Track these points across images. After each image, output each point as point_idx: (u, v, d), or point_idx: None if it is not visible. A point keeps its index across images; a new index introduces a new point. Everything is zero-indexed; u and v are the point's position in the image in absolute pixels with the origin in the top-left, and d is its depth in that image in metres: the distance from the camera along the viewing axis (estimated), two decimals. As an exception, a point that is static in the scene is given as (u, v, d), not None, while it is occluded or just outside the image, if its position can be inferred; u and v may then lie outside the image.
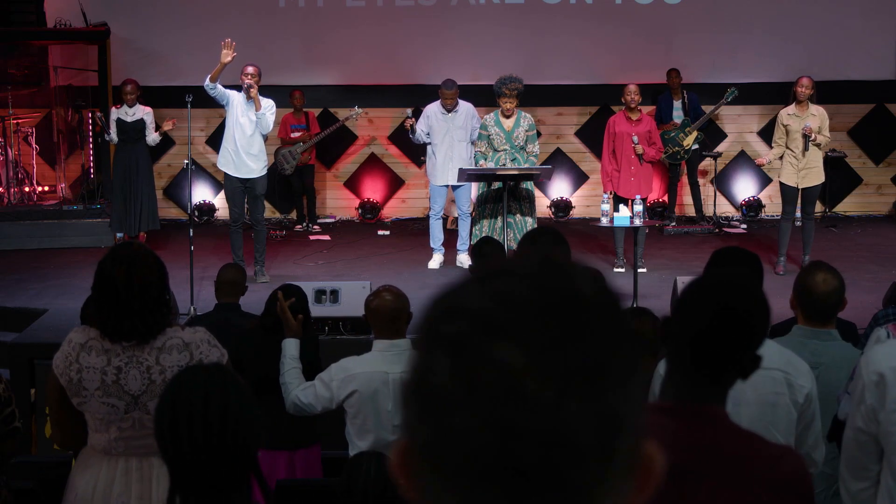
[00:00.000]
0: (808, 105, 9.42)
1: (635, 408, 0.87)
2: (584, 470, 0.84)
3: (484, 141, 9.04)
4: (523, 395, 0.82)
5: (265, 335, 5.16)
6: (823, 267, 3.82)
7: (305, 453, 5.14)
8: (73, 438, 3.44)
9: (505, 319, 0.85)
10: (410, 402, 0.88)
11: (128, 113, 10.42)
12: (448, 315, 0.87)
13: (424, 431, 0.85)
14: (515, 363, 0.83)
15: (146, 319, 3.25)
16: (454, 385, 0.84)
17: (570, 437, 0.83)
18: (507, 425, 0.82)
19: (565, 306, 0.86)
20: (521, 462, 0.82)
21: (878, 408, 2.55)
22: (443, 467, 0.84)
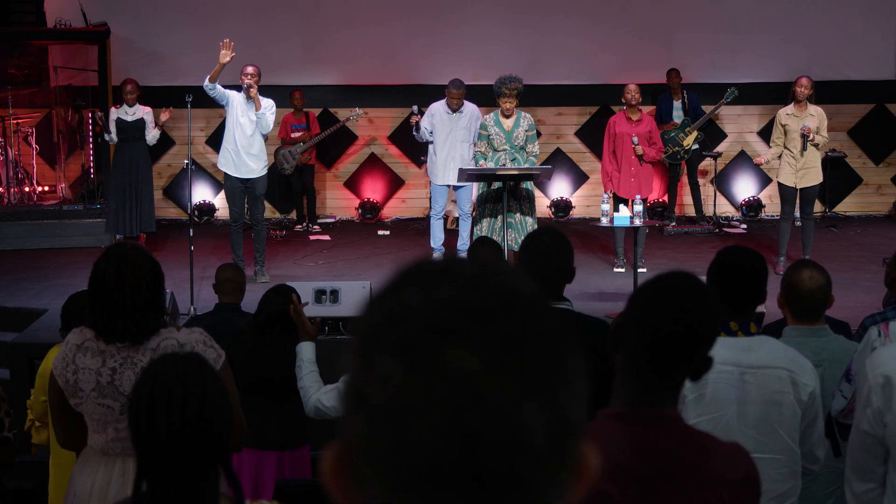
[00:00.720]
0: (807, 105, 9.42)
1: (582, 409, 0.86)
2: (541, 474, 0.83)
3: (484, 141, 9.04)
4: (482, 401, 0.80)
5: (258, 335, 5.16)
6: (809, 264, 3.83)
7: (294, 454, 5.13)
8: (74, 439, 3.44)
9: (453, 324, 0.82)
10: (353, 410, 0.85)
11: (128, 113, 10.42)
12: (389, 320, 0.84)
13: (375, 442, 0.82)
14: (472, 370, 0.81)
15: (137, 320, 3.24)
16: (408, 393, 0.81)
17: (529, 443, 0.81)
18: (466, 433, 0.80)
19: (511, 308, 0.84)
20: (480, 469, 0.80)
21: (884, 410, 2.55)
22: (395, 477, 0.81)
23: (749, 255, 3.46)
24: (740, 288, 3.29)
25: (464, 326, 0.82)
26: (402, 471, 0.81)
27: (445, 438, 0.80)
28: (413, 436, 0.81)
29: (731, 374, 3.10)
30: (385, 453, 0.82)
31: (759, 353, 3.17)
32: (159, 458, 2.14)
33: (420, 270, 0.88)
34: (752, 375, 3.13)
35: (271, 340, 5.10)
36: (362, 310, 0.88)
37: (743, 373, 3.12)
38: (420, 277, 0.87)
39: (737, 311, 3.25)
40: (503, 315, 0.84)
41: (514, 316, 0.84)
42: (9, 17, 12.15)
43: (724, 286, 3.27)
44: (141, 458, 2.16)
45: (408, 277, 0.88)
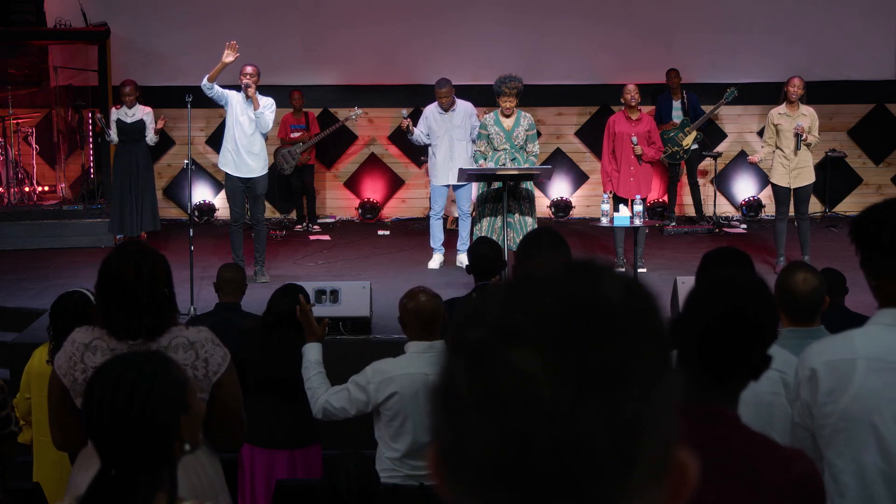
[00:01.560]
0: (799, 105, 9.43)
1: (661, 414, 0.86)
2: (602, 477, 0.83)
3: (483, 140, 9.04)
4: (539, 401, 0.82)
5: (267, 334, 5.16)
6: (802, 267, 3.83)
7: (305, 453, 5.14)
8: (72, 440, 3.43)
9: (524, 325, 0.84)
10: (435, 406, 0.88)
11: (127, 113, 10.42)
12: (471, 322, 0.87)
13: (446, 436, 0.86)
14: (531, 369, 0.82)
15: (154, 315, 3.24)
16: (472, 391, 0.84)
17: (586, 444, 0.82)
18: (522, 432, 0.82)
19: (586, 311, 0.85)
20: (536, 468, 0.82)
21: (810, 402, 2.58)
22: (462, 471, 0.85)
23: (735, 256, 3.46)
24: None
25: (531, 327, 0.84)
26: (466, 465, 0.84)
27: (502, 436, 0.82)
28: (472, 432, 0.83)
29: None
30: (449, 447, 0.85)
31: None
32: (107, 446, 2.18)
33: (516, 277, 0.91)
34: None
35: (281, 339, 5.10)
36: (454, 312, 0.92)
37: None
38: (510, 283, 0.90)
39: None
40: (574, 317, 0.85)
41: (586, 319, 0.85)
42: (9, 17, 12.15)
43: None
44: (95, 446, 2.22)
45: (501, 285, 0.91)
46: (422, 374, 4.26)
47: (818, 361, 2.58)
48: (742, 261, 3.41)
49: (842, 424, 2.54)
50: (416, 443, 4.28)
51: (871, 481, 2.53)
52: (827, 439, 2.57)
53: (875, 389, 2.51)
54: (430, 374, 4.22)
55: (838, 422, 2.54)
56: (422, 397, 4.23)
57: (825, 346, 2.63)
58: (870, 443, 2.52)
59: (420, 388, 4.25)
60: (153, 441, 2.18)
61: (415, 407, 4.26)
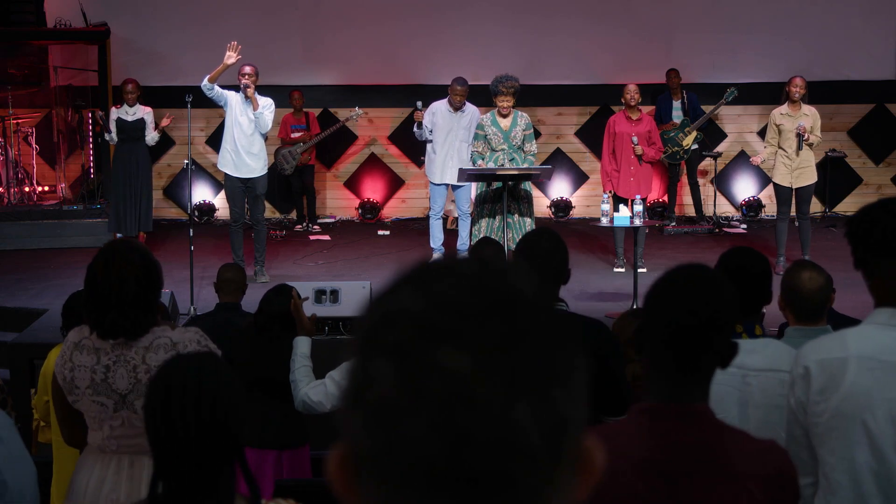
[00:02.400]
0: (801, 105, 9.43)
1: (579, 406, 0.86)
2: (535, 473, 0.83)
3: (480, 141, 9.02)
4: (473, 401, 0.81)
5: (259, 334, 5.16)
6: (808, 265, 3.82)
7: (294, 454, 5.13)
8: (77, 436, 3.47)
9: (447, 324, 0.83)
10: (351, 410, 0.85)
11: (128, 112, 10.42)
12: (385, 320, 0.85)
13: (369, 441, 0.83)
14: (462, 369, 0.81)
15: (127, 314, 3.22)
16: (400, 393, 0.82)
17: (521, 442, 0.81)
18: (457, 432, 0.80)
19: (505, 308, 0.84)
20: (472, 469, 0.81)
21: (804, 400, 2.59)
22: (390, 477, 0.82)
23: (752, 256, 3.46)
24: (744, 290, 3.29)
25: (456, 326, 0.83)
26: (395, 469, 0.82)
27: (436, 437, 0.81)
28: (404, 435, 0.81)
29: (733, 377, 3.09)
30: (378, 452, 0.83)
31: (763, 356, 3.17)
32: (175, 458, 2.14)
33: (418, 271, 0.88)
34: (755, 378, 3.13)
35: (272, 340, 5.10)
36: (362, 310, 0.89)
37: (745, 375, 3.12)
38: (418, 278, 0.87)
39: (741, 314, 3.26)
40: (496, 314, 0.84)
41: (509, 315, 0.84)
42: (9, 17, 12.15)
43: None
44: (157, 457, 2.17)
45: (406, 278, 0.88)
46: None
47: (811, 359, 2.60)
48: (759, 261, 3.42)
49: (834, 423, 2.55)
50: None
51: (863, 479, 2.54)
52: (820, 437, 2.58)
53: (867, 388, 2.52)
54: None
55: (830, 420, 2.55)
56: None
57: (818, 344, 2.64)
58: (861, 441, 2.53)
59: None
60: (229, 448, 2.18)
61: None
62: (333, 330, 7.38)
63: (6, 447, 2.73)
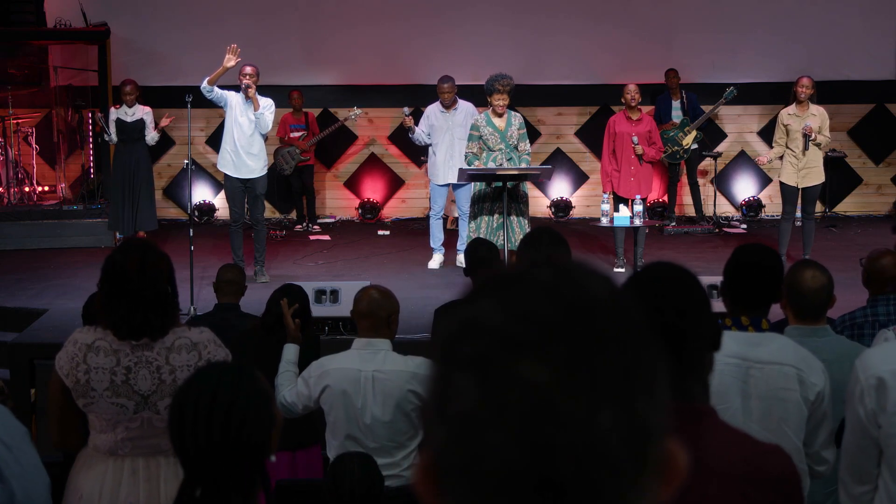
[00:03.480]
0: (809, 105, 9.43)
1: (661, 411, 0.87)
2: (619, 480, 0.83)
3: (475, 142, 9.00)
4: (554, 411, 0.82)
5: (265, 335, 5.16)
6: (811, 264, 3.82)
7: (306, 454, 5.14)
8: (70, 440, 3.43)
9: (525, 335, 0.84)
10: (434, 424, 0.87)
11: (127, 113, 10.42)
12: (465, 333, 0.86)
13: (454, 453, 0.84)
14: (542, 380, 0.82)
15: (158, 312, 3.21)
16: (483, 407, 0.83)
17: (604, 450, 0.82)
18: (541, 444, 0.81)
19: (584, 315, 0.85)
20: (557, 478, 0.81)
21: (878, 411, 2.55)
22: (475, 488, 0.83)
23: (765, 252, 3.48)
24: (755, 285, 3.30)
25: (535, 338, 0.84)
26: (480, 481, 0.83)
27: (519, 449, 0.81)
28: (488, 447, 0.82)
29: (737, 367, 3.11)
30: (463, 464, 0.84)
31: (768, 349, 3.18)
32: (199, 467, 2.13)
33: (495, 280, 0.89)
34: (759, 370, 3.14)
35: (280, 340, 5.10)
36: (440, 318, 0.90)
37: (749, 367, 3.13)
38: (495, 287, 0.88)
39: (750, 308, 3.26)
40: (576, 323, 0.84)
41: (588, 323, 0.85)
42: (9, 17, 12.15)
43: (739, 283, 3.29)
44: (185, 466, 2.16)
45: (484, 288, 0.89)
46: (354, 370, 4.23)
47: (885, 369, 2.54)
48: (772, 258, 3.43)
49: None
50: (349, 438, 4.24)
51: None
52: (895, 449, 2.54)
53: None
54: (362, 370, 4.21)
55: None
56: (351, 393, 4.20)
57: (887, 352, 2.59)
58: None
59: (349, 383, 4.21)
60: (249, 459, 2.15)
61: (343, 402, 4.23)
62: (333, 330, 7.38)
63: (15, 456, 2.70)
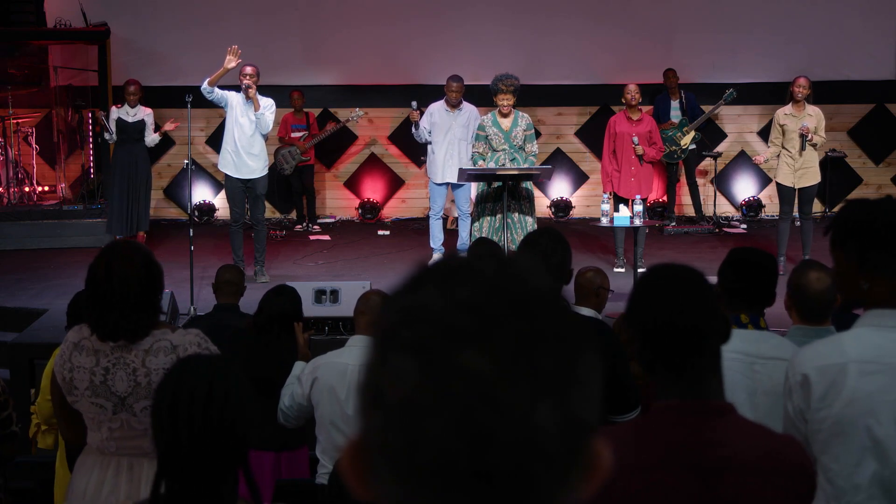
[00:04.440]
0: (805, 105, 9.43)
1: (595, 407, 0.87)
2: (553, 473, 0.83)
3: (482, 142, 9.03)
4: (494, 401, 0.81)
5: (258, 335, 5.16)
6: (815, 265, 3.83)
7: (292, 455, 5.13)
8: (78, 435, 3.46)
9: (468, 324, 0.83)
10: (370, 408, 0.86)
11: (129, 113, 10.42)
12: (406, 319, 0.85)
13: (389, 438, 0.84)
14: (484, 369, 0.82)
15: (128, 316, 3.20)
16: (422, 392, 0.82)
17: (542, 443, 0.82)
18: (479, 433, 0.81)
19: (526, 308, 0.85)
20: (492, 468, 0.81)
21: (803, 408, 2.57)
22: (410, 474, 0.83)
23: (763, 255, 3.51)
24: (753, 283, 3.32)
25: (477, 327, 0.83)
26: (415, 468, 0.82)
27: (457, 437, 0.81)
28: (426, 434, 0.82)
29: (741, 363, 3.13)
30: (399, 450, 0.83)
31: (769, 345, 3.22)
32: (180, 459, 2.14)
33: (438, 269, 0.89)
34: (763, 366, 3.16)
35: (271, 340, 5.10)
36: (382, 307, 0.89)
37: (753, 363, 3.15)
38: (438, 276, 0.88)
39: (747, 306, 3.29)
40: (517, 315, 0.84)
41: (528, 316, 0.85)
42: (9, 17, 12.15)
43: (736, 281, 3.31)
44: (163, 457, 2.17)
45: (426, 276, 0.89)
46: (342, 364, 4.25)
47: (809, 366, 2.57)
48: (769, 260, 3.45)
49: (837, 429, 2.53)
50: (334, 430, 4.23)
51: (868, 485, 2.53)
52: (822, 444, 2.56)
53: (869, 392, 2.50)
54: (349, 363, 4.23)
55: (833, 426, 2.53)
56: (338, 386, 4.20)
57: (815, 350, 2.62)
58: (866, 446, 2.51)
59: (336, 375, 4.22)
60: (229, 453, 2.16)
61: (329, 395, 4.23)
62: (333, 330, 7.38)
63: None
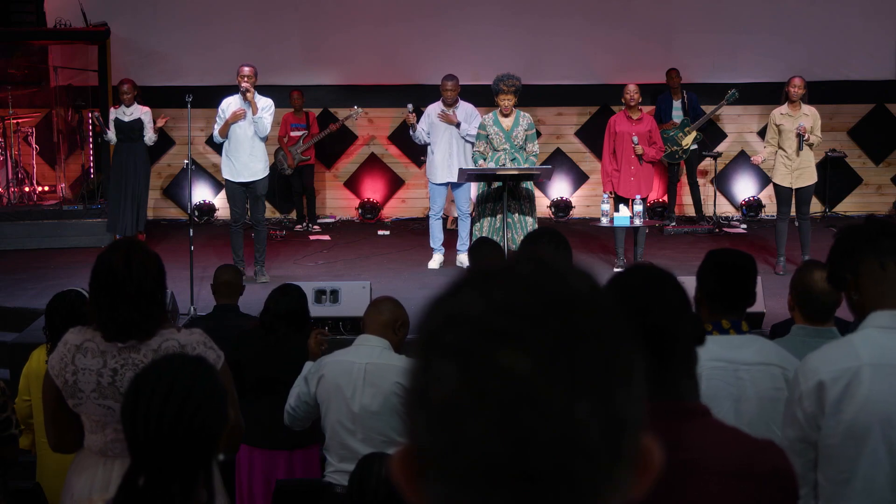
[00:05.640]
0: (801, 105, 9.42)
1: (638, 405, 0.88)
2: (595, 471, 0.84)
3: (483, 141, 9.03)
4: (534, 401, 0.83)
5: (265, 335, 5.16)
6: (820, 265, 3.81)
7: (304, 453, 5.13)
8: (67, 441, 3.41)
9: (507, 326, 0.85)
10: (415, 411, 0.88)
11: (126, 112, 10.41)
12: (448, 323, 0.87)
13: (433, 440, 0.85)
14: (523, 370, 0.83)
15: (142, 310, 3.20)
16: (463, 394, 0.84)
17: (581, 441, 0.83)
18: (520, 432, 0.83)
19: (564, 308, 0.86)
20: (534, 467, 0.83)
21: (817, 414, 2.55)
22: (453, 475, 0.84)
23: (740, 255, 3.49)
24: (732, 286, 3.30)
25: (517, 328, 0.85)
26: (458, 469, 0.84)
27: (499, 438, 0.83)
28: (468, 435, 0.83)
29: (725, 371, 3.09)
30: (442, 451, 0.85)
31: (752, 350, 3.18)
32: (145, 458, 2.15)
33: (479, 273, 0.91)
34: (747, 372, 3.13)
35: (279, 339, 5.10)
36: (422, 311, 0.91)
37: (737, 369, 3.12)
38: (478, 280, 0.90)
39: (728, 310, 3.26)
40: (557, 315, 0.86)
41: (568, 316, 0.86)
42: (9, 17, 12.16)
43: (715, 284, 3.29)
44: (131, 453, 2.18)
45: (467, 280, 0.90)
46: (348, 362, 4.24)
47: (823, 372, 2.54)
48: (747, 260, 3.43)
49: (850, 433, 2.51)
50: (338, 427, 4.21)
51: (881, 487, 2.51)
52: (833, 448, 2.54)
53: (884, 396, 2.48)
54: (356, 361, 4.21)
55: (847, 430, 2.52)
56: (343, 384, 4.18)
57: (826, 355, 2.59)
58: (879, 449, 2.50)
59: (342, 373, 4.20)
60: (198, 451, 2.17)
61: (336, 392, 4.21)
62: (333, 330, 7.38)
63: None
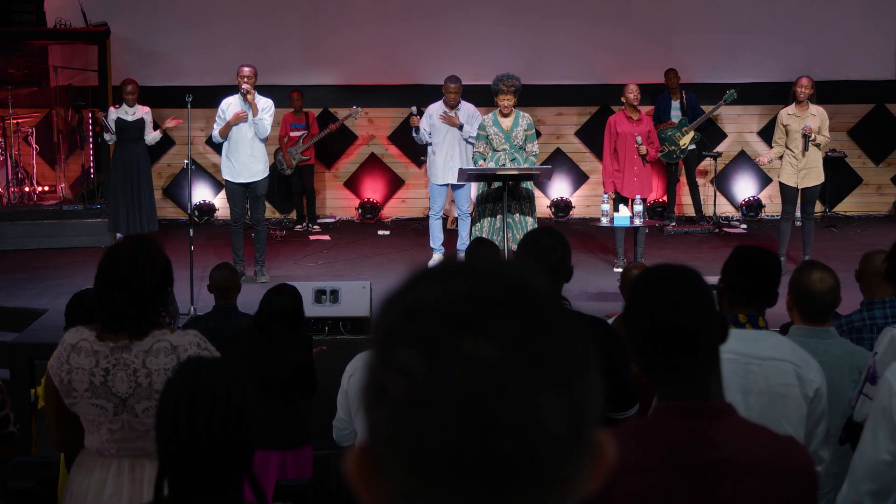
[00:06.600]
0: (808, 105, 9.43)
1: (596, 397, 0.88)
2: (559, 457, 0.85)
3: (483, 141, 9.03)
4: (500, 388, 0.83)
5: (259, 334, 5.16)
6: (818, 266, 3.82)
7: (296, 454, 5.13)
8: (68, 440, 3.42)
9: (471, 315, 0.85)
10: (375, 405, 0.87)
11: (128, 112, 10.41)
12: (409, 314, 0.87)
13: (396, 433, 0.85)
14: (488, 357, 0.83)
15: (139, 303, 3.19)
16: (428, 382, 0.83)
17: (546, 427, 0.84)
18: (485, 418, 0.82)
19: (524, 300, 0.87)
20: (500, 454, 0.82)
21: None
22: (417, 466, 0.84)
23: (766, 252, 3.51)
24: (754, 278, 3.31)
25: (479, 317, 0.85)
26: (424, 458, 0.84)
27: (465, 425, 0.82)
28: (433, 424, 0.83)
29: (736, 364, 3.10)
30: (407, 442, 0.84)
31: (766, 345, 3.18)
32: (188, 464, 2.14)
33: (434, 268, 0.91)
34: (758, 366, 3.14)
35: (273, 339, 5.10)
36: (379, 307, 0.91)
37: (748, 363, 3.13)
38: (435, 273, 0.90)
39: (747, 304, 3.27)
40: (517, 306, 0.86)
41: (528, 307, 0.87)
42: (9, 17, 12.16)
43: (738, 274, 3.30)
44: (166, 461, 2.16)
45: (423, 274, 0.90)
46: None
47: None
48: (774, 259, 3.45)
49: None
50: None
51: None
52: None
53: None
54: None
55: None
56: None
57: None
58: None
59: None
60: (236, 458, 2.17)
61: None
62: (333, 330, 7.38)
63: None
